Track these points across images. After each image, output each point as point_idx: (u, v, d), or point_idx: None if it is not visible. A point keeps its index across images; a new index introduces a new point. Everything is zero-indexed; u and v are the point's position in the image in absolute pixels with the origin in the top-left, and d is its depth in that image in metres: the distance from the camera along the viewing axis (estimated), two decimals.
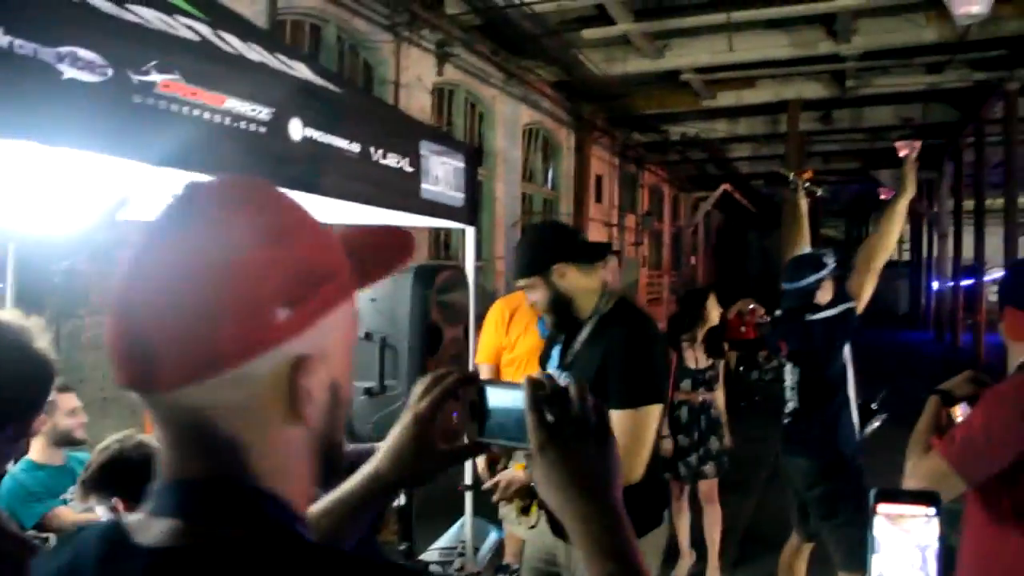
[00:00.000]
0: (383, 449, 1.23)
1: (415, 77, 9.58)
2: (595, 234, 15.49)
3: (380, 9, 8.77)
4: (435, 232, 10.18)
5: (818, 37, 11.42)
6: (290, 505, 0.89)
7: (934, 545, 1.29)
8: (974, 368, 2.55)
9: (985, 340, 15.32)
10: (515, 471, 3.01)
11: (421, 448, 1.22)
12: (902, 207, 4.40)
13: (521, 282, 2.93)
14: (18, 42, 1.83)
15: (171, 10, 2.67)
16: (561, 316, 2.90)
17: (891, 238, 4.42)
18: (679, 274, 24.08)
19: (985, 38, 11.25)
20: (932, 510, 1.29)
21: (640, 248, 19.61)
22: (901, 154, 4.44)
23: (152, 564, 0.82)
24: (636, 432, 2.63)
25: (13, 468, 3.82)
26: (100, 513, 2.41)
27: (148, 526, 0.85)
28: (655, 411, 2.68)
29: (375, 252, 1.01)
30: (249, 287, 0.81)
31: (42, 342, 1.85)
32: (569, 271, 2.82)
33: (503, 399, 1.13)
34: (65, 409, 3.86)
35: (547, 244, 2.91)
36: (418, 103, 9.62)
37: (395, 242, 1.05)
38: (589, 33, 11.05)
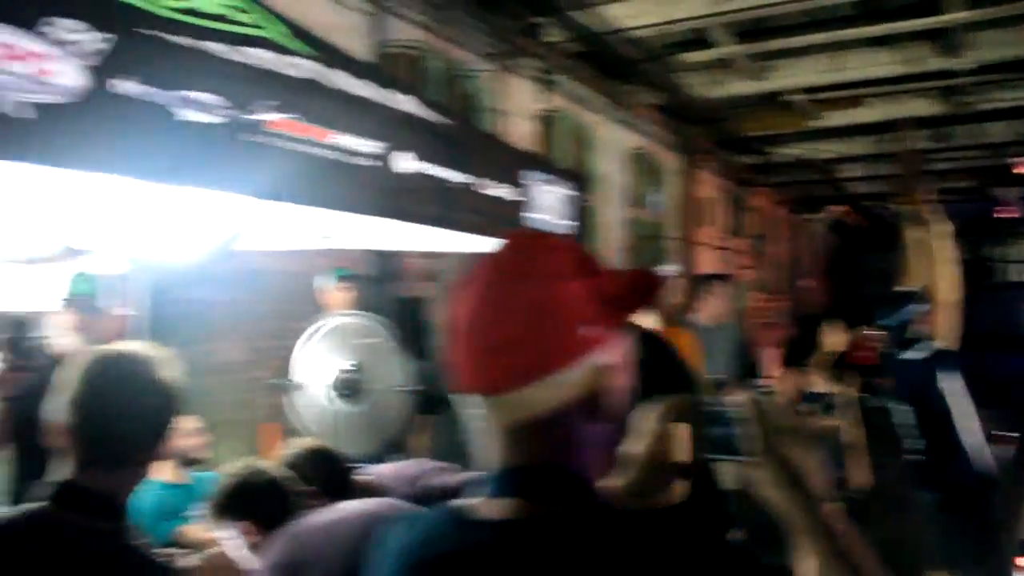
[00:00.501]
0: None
1: (517, 105, 9.68)
2: (705, 258, 15.33)
3: (482, 39, 8.90)
4: None
5: (926, 53, 11.11)
6: (593, 486, 1.13)
7: None
8: None
9: None
10: None
11: (656, 466, 1.38)
12: (938, 245, 4.23)
13: None
14: (142, 88, 1.96)
15: (283, 50, 2.79)
16: None
17: (944, 272, 4.22)
18: (793, 297, 23.59)
19: None
20: None
21: (750, 271, 19.29)
22: (1018, 170, 4.33)
23: (502, 534, 1.06)
24: None
25: (143, 489, 4.00)
26: (232, 535, 2.51)
27: (489, 506, 1.11)
28: None
29: (634, 287, 1.20)
30: (571, 310, 1.08)
31: (168, 371, 1.95)
32: None
33: (720, 419, 1.28)
34: (186, 430, 4.04)
35: None
36: (521, 131, 9.71)
37: (647, 280, 1.24)
38: (691, 56, 10.99)
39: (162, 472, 4.04)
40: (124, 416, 1.85)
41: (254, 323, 6.37)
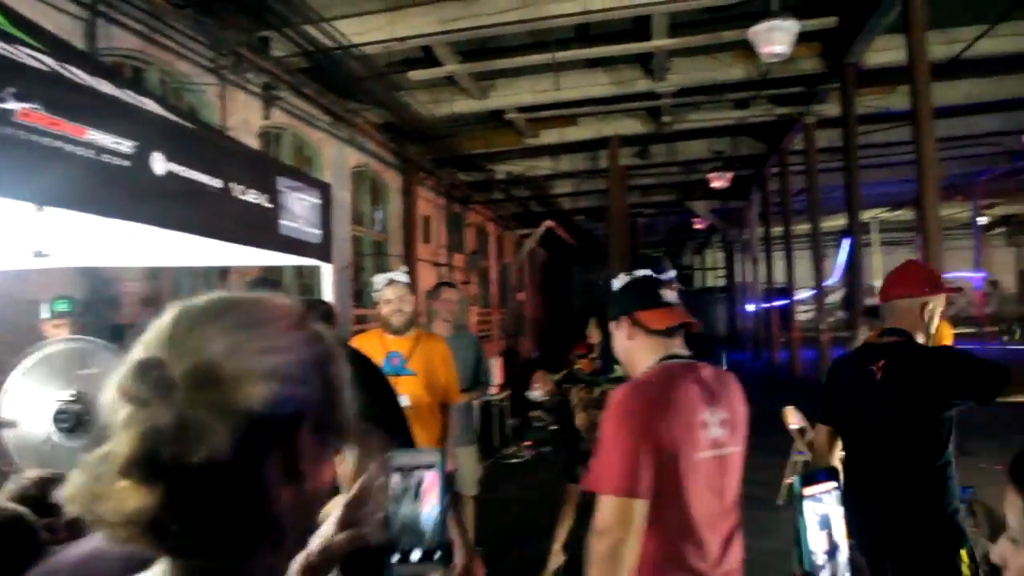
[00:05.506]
0: None
1: (241, 120, 9.34)
2: (424, 274, 15.46)
3: (204, 52, 8.52)
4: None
5: (636, 76, 11.87)
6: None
7: (840, 515, 1.41)
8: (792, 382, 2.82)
9: (800, 356, 16.22)
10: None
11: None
12: None
13: None
14: None
15: (12, 40, 2.50)
16: None
17: None
18: (507, 311, 24.31)
19: (785, 76, 11.97)
20: (834, 484, 1.41)
21: (469, 287, 19.69)
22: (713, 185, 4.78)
23: (887, 346, 3.32)
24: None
25: None
26: None
27: (882, 339, 3.36)
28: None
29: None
30: (919, 283, 3.35)
31: None
32: None
33: None
34: None
35: None
36: None
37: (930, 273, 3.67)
38: (416, 74, 11.09)
39: None
40: None
41: None
